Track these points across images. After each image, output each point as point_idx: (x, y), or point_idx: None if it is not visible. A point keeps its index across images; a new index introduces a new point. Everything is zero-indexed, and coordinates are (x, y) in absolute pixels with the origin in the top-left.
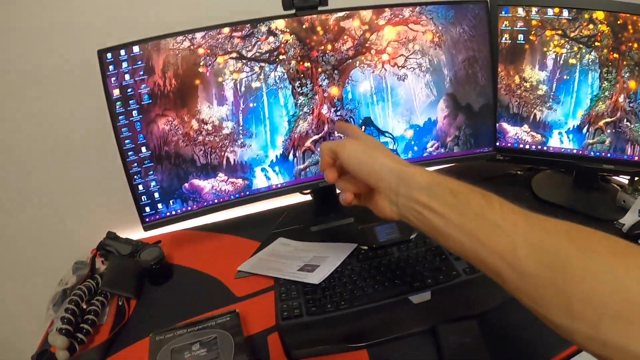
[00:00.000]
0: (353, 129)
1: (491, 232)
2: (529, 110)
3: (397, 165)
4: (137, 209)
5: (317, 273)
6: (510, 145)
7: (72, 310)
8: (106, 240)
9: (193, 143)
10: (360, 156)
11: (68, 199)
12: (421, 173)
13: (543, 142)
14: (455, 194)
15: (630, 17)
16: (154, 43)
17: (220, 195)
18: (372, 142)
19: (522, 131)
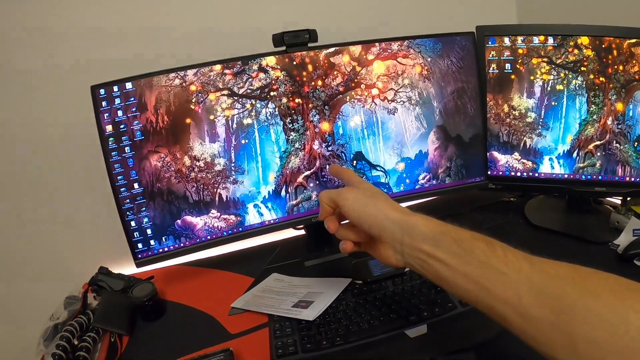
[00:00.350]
0: (350, 175)
1: (496, 279)
2: (518, 138)
3: (400, 215)
4: (129, 246)
5: (311, 309)
6: (502, 173)
7: (63, 346)
8: (98, 275)
9: (185, 180)
10: (363, 207)
11: (60, 231)
12: (424, 223)
13: (534, 169)
14: (459, 242)
15: (614, 40)
16: (147, 80)
17: (213, 232)
18: (372, 190)
19: (513, 159)
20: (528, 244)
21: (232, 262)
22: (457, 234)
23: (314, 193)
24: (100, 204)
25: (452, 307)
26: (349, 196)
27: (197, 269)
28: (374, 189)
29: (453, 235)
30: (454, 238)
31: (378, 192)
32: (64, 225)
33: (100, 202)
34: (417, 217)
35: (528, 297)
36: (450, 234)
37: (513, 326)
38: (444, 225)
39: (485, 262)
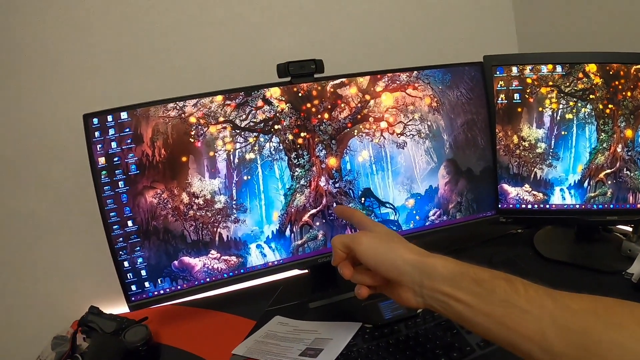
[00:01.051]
0: (359, 217)
1: (519, 318)
2: (529, 170)
3: (418, 257)
4: (122, 287)
5: (321, 359)
6: (512, 206)
7: None
8: (89, 315)
9: (183, 218)
10: (379, 252)
11: (49, 267)
12: (443, 264)
13: (545, 201)
14: (480, 282)
15: (621, 66)
16: (143, 110)
17: (213, 274)
18: (387, 234)
19: (524, 191)
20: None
21: (231, 302)
22: (476, 273)
23: (320, 232)
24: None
25: (471, 351)
26: (363, 241)
27: (194, 309)
28: (387, 231)
29: (473, 275)
30: (474, 278)
31: (392, 234)
32: (52, 261)
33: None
34: (435, 259)
35: (552, 334)
36: (470, 274)
37: None
38: (462, 265)
39: (507, 301)
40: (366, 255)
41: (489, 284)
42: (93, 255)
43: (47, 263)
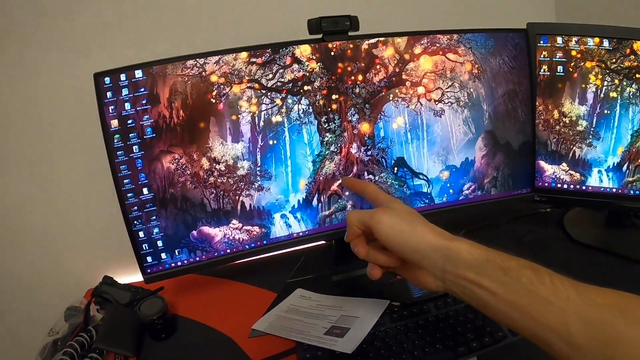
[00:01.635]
0: (373, 191)
1: (543, 309)
2: (567, 148)
3: (442, 241)
4: (137, 259)
5: (348, 339)
6: (548, 185)
7: None
8: (102, 285)
9: (203, 185)
10: (401, 233)
11: (62, 236)
12: (468, 249)
13: (582, 182)
14: (506, 270)
15: None
16: (160, 68)
17: (234, 245)
18: (408, 213)
19: (561, 170)
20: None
21: (250, 272)
22: (503, 261)
23: (349, 202)
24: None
25: (503, 337)
26: (383, 219)
27: (211, 279)
28: (408, 210)
29: (499, 262)
30: (501, 266)
31: (413, 213)
32: (65, 229)
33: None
34: (460, 243)
35: (575, 327)
36: (496, 262)
37: (559, 354)
38: (488, 251)
39: (532, 291)
40: (387, 235)
41: (515, 273)
42: (107, 224)
43: (60, 232)
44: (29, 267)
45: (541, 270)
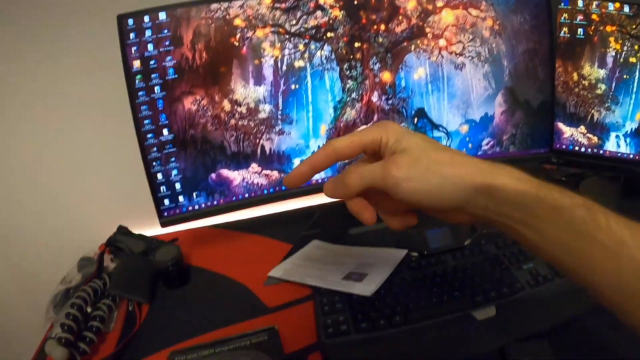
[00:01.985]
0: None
1: (596, 253)
2: (586, 110)
3: (481, 179)
4: (154, 202)
5: (367, 283)
6: (565, 147)
7: (74, 315)
8: (117, 235)
9: (224, 127)
10: (428, 189)
11: (76, 187)
12: (514, 186)
13: (599, 145)
14: (558, 210)
15: None
16: (184, 10)
17: (252, 189)
18: (426, 150)
19: (579, 132)
20: None
21: (265, 225)
22: (555, 199)
23: None
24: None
25: (520, 288)
26: (400, 177)
27: (226, 231)
28: (425, 145)
29: (551, 201)
30: (552, 205)
31: (432, 147)
32: (79, 178)
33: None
34: (504, 177)
35: (628, 273)
36: (547, 201)
37: (606, 300)
38: (539, 187)
39: (584, 233)
40: (411, 195)
41: (568, 213)
42: (123, 174)
43: (75, 183)
44: (44, 218)
45: (595, 208)
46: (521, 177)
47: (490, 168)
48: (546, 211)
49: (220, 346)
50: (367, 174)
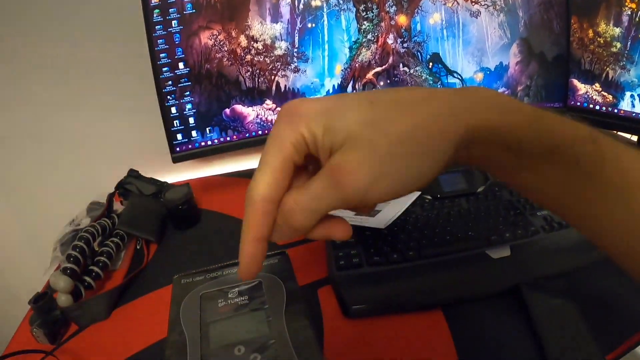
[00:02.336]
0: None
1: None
2: (601, 68)
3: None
4: (167, 137)
5: (380, 217)
6: (580, 104)
7: (81, 248)
8: (127, 178)
9: (239, 62)
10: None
11: (87, 134)
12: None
13: (614, 104)
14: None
15: None
16: None
17: (266, 126)
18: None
19: (593, 90)
20: None
21: None
22: (553, 134)
23: None
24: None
25: (535, 232)
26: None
27: (238, 179)
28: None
29: (549, 137)
30: (550, 142)
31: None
32: (90, 125)
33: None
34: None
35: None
36: (544, 137)
37: (616, 254)
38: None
39: (592, 173)
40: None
41: (570, 150)
42: (135, 120)
43: (85, 130)
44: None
45: (603, 141)
46: (506, 109)
47: (464, 104)
48: (544, 149)
49: (228, 269)
50: (315, 205)
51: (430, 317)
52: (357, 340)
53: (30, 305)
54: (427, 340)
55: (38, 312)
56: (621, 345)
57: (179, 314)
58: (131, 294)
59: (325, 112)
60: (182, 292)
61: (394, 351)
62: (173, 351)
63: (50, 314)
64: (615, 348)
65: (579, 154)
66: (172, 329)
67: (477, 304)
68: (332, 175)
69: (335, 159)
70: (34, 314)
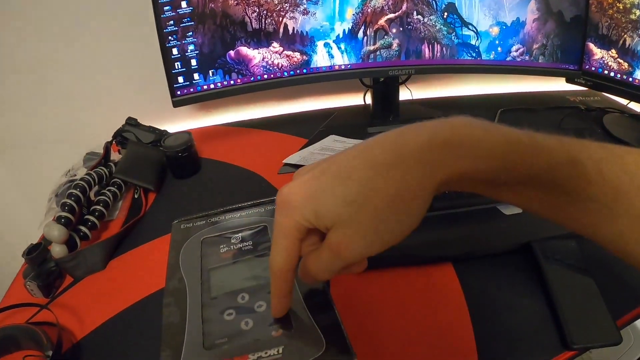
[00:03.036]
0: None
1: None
2: (618, 34)
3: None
4: (167, 80)
5: None
6: (595, 69)
7: (76, 196)
8: (125, 126)
9: (246, 2)
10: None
11: (85, 84)
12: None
13: (629, 72)
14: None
15: None
16: None
17: (272, 70)
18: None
19: (609, 56)
20: None
21: (280, 124)
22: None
23: (396, 41)
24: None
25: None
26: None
27: (240, 129)
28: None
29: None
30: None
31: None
32: (88, 75)
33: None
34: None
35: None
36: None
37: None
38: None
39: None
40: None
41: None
42: (134, 69)
43: (83, 80)
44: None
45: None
46: (478, 154)
47: (434, 159)
48: (519, 180)
49: (231, 213)
50: (329, 268)
51: (441, 270)
52: (365, 292)
53: (24, 258)
54: (438, 292)
55: (32, 264)
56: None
57: (178, 260)
58: (128, 244)
59: (311, 199)
60: (182, 237)
61: (404, 303)
62: (172, 299)
63: (44, 266)
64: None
65: (557, 179)
66: (171, 276)
67: (488, 260)
68: (333, 250)
69: (331, 238)
70: (28, 266)
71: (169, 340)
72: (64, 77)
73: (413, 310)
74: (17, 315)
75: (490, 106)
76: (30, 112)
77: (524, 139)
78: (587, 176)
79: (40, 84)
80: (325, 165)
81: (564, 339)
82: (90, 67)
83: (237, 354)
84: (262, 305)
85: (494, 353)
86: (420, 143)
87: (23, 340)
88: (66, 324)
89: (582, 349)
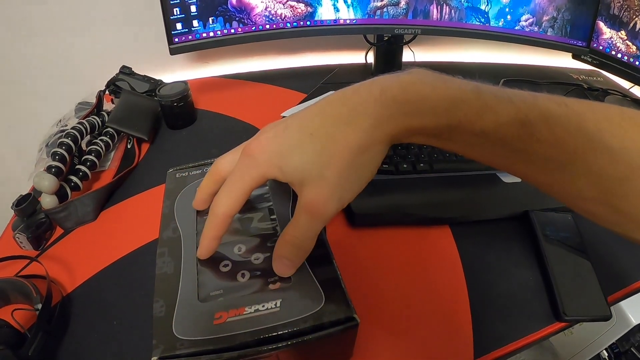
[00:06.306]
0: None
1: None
2: (630, 16)
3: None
4: (165, 26)
5: None
6: (603, 49)
7: (67, 145)
8: (119, 75)
9: None
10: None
11: (77, 34)
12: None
13: (637, 56)
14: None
15: None
16: None
17: (274, 20)
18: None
19: (618, 37)
20: None
21: (279, 77)
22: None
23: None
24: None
25: None
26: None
27: (238, 81)
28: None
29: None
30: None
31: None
32: (80, 26)
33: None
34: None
35: (589, 192)
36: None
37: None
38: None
39: (524, 151)
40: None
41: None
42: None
43: (76, 30)
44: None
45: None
46: (426, 112)
47: (386, 114)
48: (466, 137)
49: None
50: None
51: (438, 232)
52: (362, 251)
53: (13, 209)
54: (435, 254)
55: (21, 216)
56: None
57: (173, 210)
58: (120, 195)
59: (276, 156)
60: (176, 186)
61: (401, 262)
62: (166, 249)
63: (34, 217)
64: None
65: (505, 137)
66: (165, 226)
67: (485, 226)
68: (308, 211)
69: (303, 199)
70: (17, 218)
71: (162, 291)
72: (55, 23)
73: (409, 269)
74: (6, 269)
75: (493, 75)
76: (17, 56)
77: (471, 97)
78: (536, 135)
79: (30, 30)
80: (289, 122)
81: (556, 309)
82: (83, 13)
83: (233, 306)
84: (259, 257)
85: (487, 317)
86: (372, 99)
87: (12, 293)
88: (56, 276)
89: (574, 321)
